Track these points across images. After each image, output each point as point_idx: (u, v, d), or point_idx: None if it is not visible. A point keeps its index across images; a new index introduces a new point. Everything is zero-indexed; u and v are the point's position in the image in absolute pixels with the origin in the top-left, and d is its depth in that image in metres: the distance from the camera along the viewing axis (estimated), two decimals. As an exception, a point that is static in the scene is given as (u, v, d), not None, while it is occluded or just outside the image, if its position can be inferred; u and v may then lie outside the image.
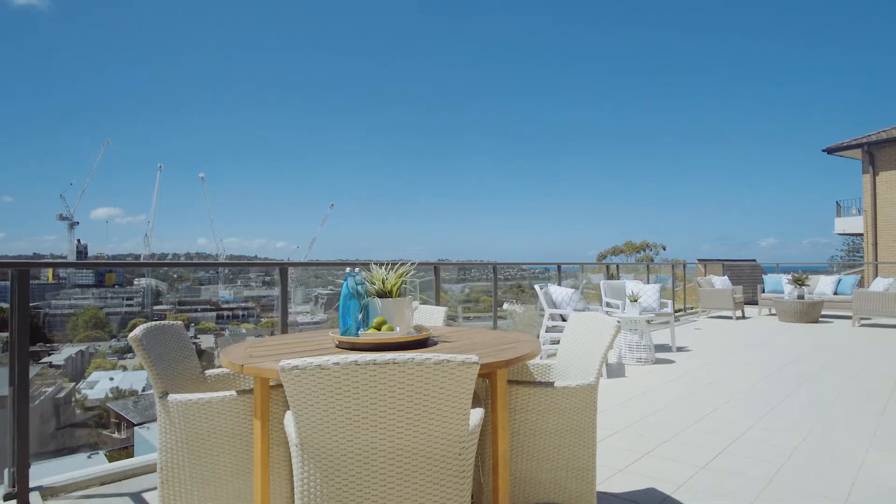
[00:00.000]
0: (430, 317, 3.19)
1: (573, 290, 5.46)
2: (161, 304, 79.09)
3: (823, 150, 18.99)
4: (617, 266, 8.96)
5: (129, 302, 71.12)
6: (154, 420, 2.56)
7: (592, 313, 2.53)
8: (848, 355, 6.62)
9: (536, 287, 5.54)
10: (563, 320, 5.55)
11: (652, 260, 41.08)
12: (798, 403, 4.34)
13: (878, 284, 9.56)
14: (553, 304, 5.57)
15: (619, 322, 2.27)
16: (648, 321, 6.57)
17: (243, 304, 78.50)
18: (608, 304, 7.03)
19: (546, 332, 5.44)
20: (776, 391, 4.74)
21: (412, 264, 2.46)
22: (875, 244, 17.69)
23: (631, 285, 7.17)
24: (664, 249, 41.72)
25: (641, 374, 5.55)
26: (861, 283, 11.75)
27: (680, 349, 7.08)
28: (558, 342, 6.09)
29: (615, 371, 5.59)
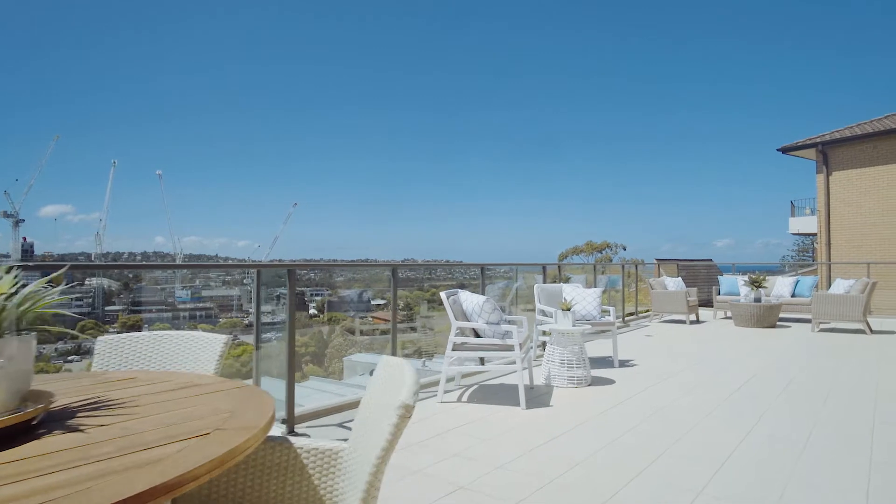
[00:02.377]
0: (195, 353, 1.99)
1: (484, 298, 4.32)
2: (113, 304, 75.51)
3: (778, 150, 18.51)
4: (559, 267, 7.89)
5: (78, 303, 67.52)
6: None
7: (392, 362, 1.39)
8: (812, 373, 5.68)
9: (443, 295, 4.40)
10: (477, 335, 4.42)
11: (610, 260, 40.70)
12: (761, 452, 3.29)
13: (839, 286, 8.78)
14: (464, 316, 4.44)
15: (404, 405, 1.13)
16: (586, 332, 5.50)
17: (201, 305, 75.53)
18: (543, 313, 5.94)
19: (452, 350, 4.31)
20: (733, 429, 3.69)
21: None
22: (828, 244, 17.26)
23: (568, 290, 6.10)
24: (624, 250, 41.43)
25: (571, 400, 4.46)
26: (819, 285, 11.03)
27: (624, 363, 6.04)
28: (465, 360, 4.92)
29: (537, 398, 4.48)
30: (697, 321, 10.39)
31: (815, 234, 19.12)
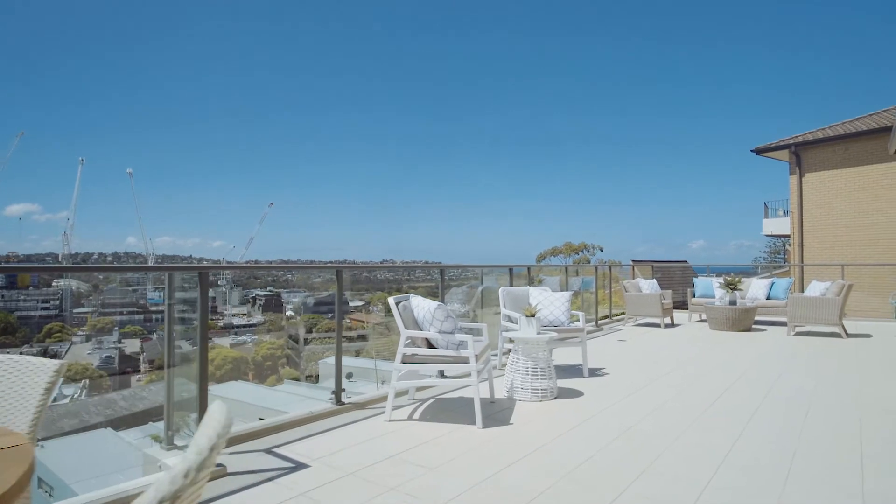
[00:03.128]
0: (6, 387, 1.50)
1: (436, 304, 3.86)
2: (83, 306, 73.31)
3: (752, 151, 18.46)
4: (528, 268, 7.48)
5: (45, 305, 65.39)
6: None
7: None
8: (792, 382, 5.35)
9: (391, 301, 3.94)
10: (431, 346, 3.97)
11: (588, 261, 40.65)
12: (738, 480, 2.90)
13: (814, 289, 8.55)
14: (416, 325, 3.99)
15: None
16: (553, 340, 5.10)
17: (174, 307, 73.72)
18: (508, 318, 5.51)
19: (402, 362, 3.85)
20: (707, 452, 3.30)
21: None
22: (801, 245, 17.24)
23: (535, 293, 5.69)
24: (601, 251, 41.41)
25: (533, 417, 4.03)
26: (794, 287, 10.82)
27: (594, 372, 5.65)
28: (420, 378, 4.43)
29: (497, 414, 4.04)
30: (672, 324, 10.09)
31: (788, 236, 19.12)
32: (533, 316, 4.65)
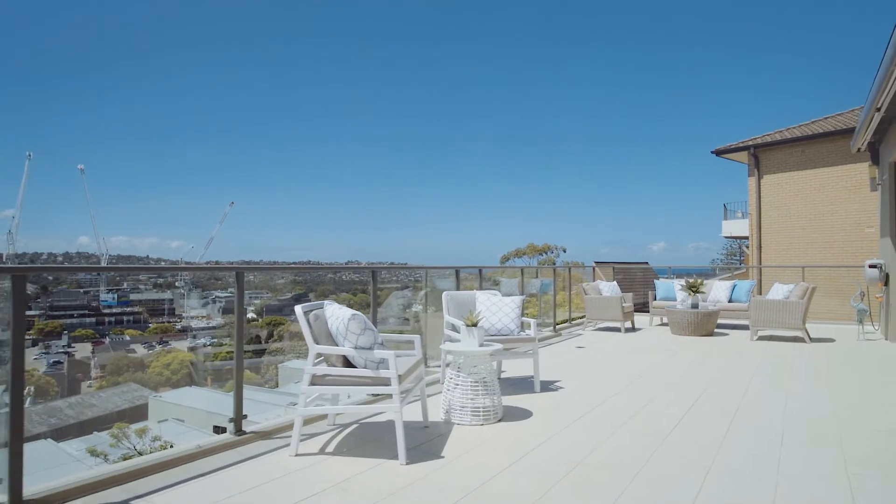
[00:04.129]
0: None
1: (353, 312, 3.17)
2: (30, 309, 69.55)
3: (712, 152, 18.38)
4: (480, 270, 6.85)
5: (-16, 308, 61.59)
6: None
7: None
8: (763, 398, 4.87)
9: (298, 310, 3.22)
10: (350, 365, 3.28)
11: (553, 263, 40.52)
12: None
13: (777, 291, 8.20)
14: (331, 338, 3.29)
15: None
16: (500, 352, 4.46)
17: (128, 309, 70.62)
18: (452, 327, 4.86)
19: (310, 384, 3.15)
20: (675, 491, 2.71)
21: None
22: (759, 247, 17.21)
23: (482, 298, 5.05)
24: (564, 251, 41.35)
25: (470, 446, 3.38)
26: (755, 290, 10.52)
27: (547, 386, 5.05)
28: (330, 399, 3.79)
29: (429, 444, 3.37)
30: (633, 328, 9.64)
31: (746, 238, 19.13)
32: (475, 325, 4.01)
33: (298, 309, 3.24)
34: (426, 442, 3.46)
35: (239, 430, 3.49)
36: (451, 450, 3.32)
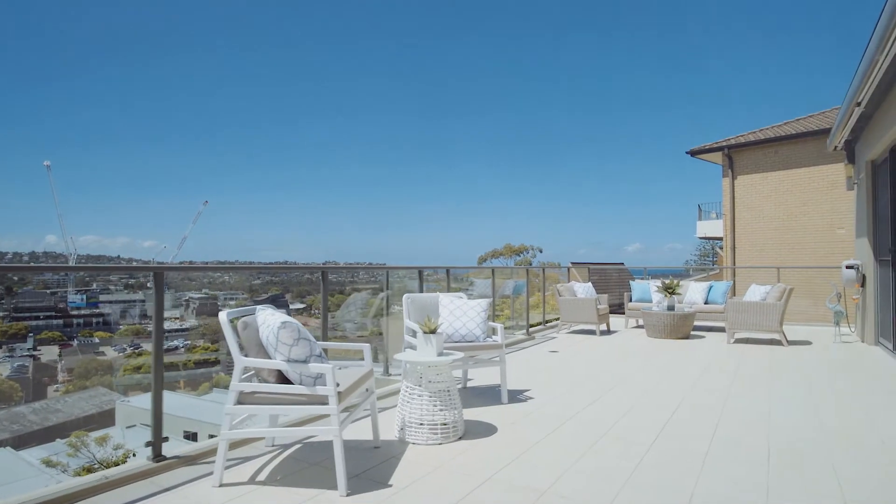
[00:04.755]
0: None
1: (284, 318, 2.72)
2: (-7, 311, 66.86)
3: (687, 153, 18.30)
4: (447, 270, 6.44)
5: (-56, 310, 59.00)
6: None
7: None
8: (740, 402, 4.54)
9: (222, 316, 2.77)
10: (288, 381, 2.83)
11: (530, 263, 40.33)
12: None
13: (754, 293, 7.96)
14: (262, 349, 2.84)
15: None
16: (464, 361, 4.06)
17: (97, 311, 68.38)
18: (412, 333, 4.43)
19: (236, 403, 2.69)
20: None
21: None
22: (734, 248, 17.16)
23: (445, 302, 4.63)
24: (541, 252, 41.22)
25: (425, 471, 2.95)
26: (730, 291, 10.31)
27: (515, 396, 4.66)
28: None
29: (377, 469, 2.93)
30: (608, 331, 9.34)
31: (721, 238, 19.10)
32: (433, 332, 3.59)
33: (223, 315, 2.78)
34: (374, 466, 3.02)
35: (157, 456, 3.01)
36: (402, 475, 2.89)
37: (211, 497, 2.63)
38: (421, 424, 3.41)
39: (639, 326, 9.90)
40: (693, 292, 9.48)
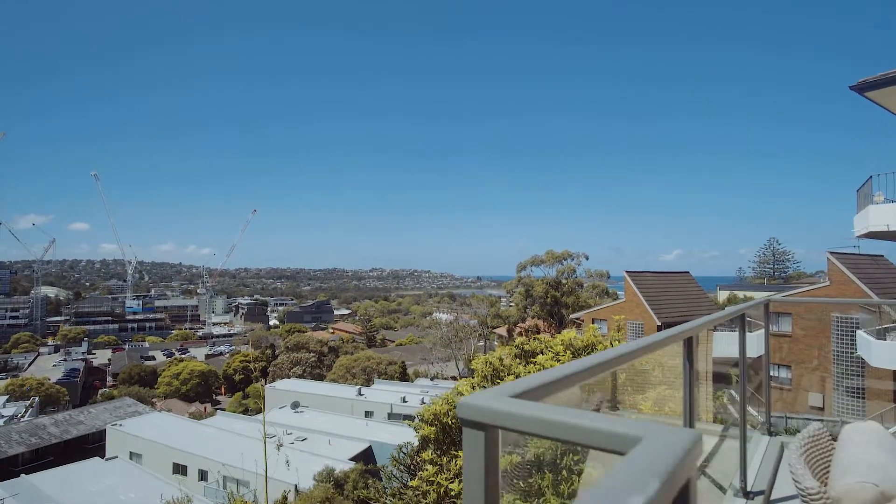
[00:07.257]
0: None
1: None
2: (60, 315, 69.26)
3: (851, 88, 10.80)
4: (766, 304, 3.32)
5: (13, 314, 61.45)
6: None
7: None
8: None
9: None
10: None
11: (574, 271, 36.88)
12: None
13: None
14: None
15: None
16: None
17: (151, 316, 69.59)
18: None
19: None
20: None
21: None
22: None
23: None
24: (587, 259, 37.78)
25: None
26: None
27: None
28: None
29: None
30: None
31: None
32: None
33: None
34: None
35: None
36: None
37: None
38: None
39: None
40: None
